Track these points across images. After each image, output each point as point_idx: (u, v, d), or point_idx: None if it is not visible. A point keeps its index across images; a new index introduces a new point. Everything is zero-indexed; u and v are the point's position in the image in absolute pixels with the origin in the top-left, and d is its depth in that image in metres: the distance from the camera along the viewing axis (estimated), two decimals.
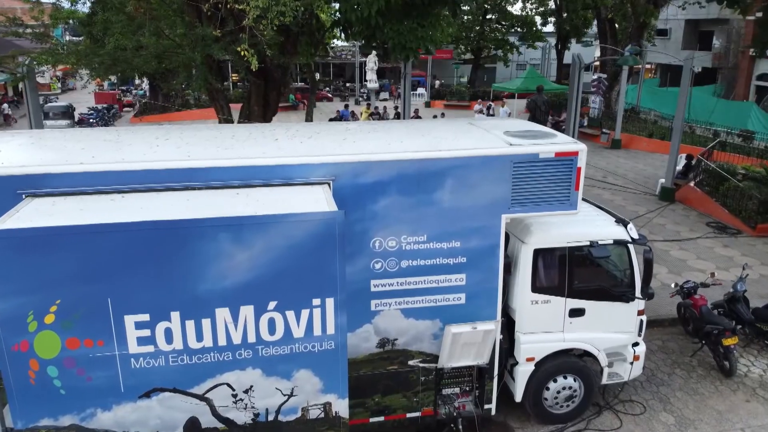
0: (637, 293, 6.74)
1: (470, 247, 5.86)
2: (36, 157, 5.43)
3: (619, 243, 6.59)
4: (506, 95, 31.87)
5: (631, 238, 6.60)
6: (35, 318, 4.35)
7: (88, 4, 15.08)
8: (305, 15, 10.37)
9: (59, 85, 49.72)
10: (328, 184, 5.37)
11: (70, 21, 17.52)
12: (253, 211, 4.58)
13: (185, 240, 4.40)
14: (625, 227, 6.67)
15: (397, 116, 23.71)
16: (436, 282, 5.91)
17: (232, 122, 12.14)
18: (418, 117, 24.55)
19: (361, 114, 26.33)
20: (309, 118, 16.58)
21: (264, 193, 5.07)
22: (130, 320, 4.48)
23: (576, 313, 6.61)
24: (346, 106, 29.67)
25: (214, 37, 9.20)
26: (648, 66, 38.68)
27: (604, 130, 24.35)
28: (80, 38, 16.74)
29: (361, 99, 38.98)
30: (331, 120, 25.53)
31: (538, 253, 6.38)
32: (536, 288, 6.44)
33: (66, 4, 15.46)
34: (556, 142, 5.88)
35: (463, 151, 5.67)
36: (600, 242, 6.44)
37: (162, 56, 10.21)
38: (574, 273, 6.52)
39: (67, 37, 28.13)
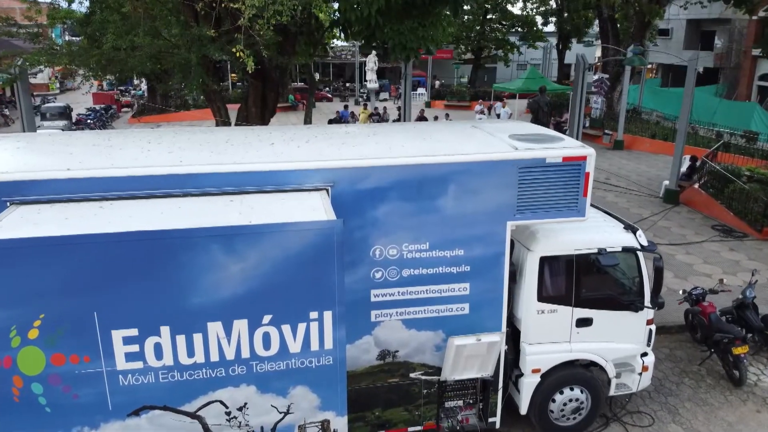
0: (647, 302, 6.52)
1: (474, 256, 5.64)
2: (22, 162, 5.20)
3: (628, 250, 6.37)
4: (507, 95, 31.61)
5: (641, 245, 6.38)
6: (18, 333, 4.14)
7: (86, 3, 14.92)
8: (303, 15, 10.14)
9: (57, 85, 49.46)
10: (327, 191, 5.16)
11: (66, 21, 17.31)
12: (247, 220, 4.37)
13: (175, 251, 4.18)
14: (635, 234, 6.45)
15: (399, 117, 23.43)
16: (438, 292, 5.69)
17: (230, 124, 11.94)
18: (423, 118, 24.30)
19: (359, 115, 26.06)
20: (308, 119, 16.36)
21: (259, 201, 4.85)
22: (117, 335, 4.27)
23: (583, 322, 6.39)
24: (346, 107, 29.43)
25: (210, 37, 8.97)
26: (649, 66, 38.43)
27: (606, 131, 24.12)
28: (79, 38, 16.56)
29: (360, 99, 38.74)
30: (330, 121, 25.27)
31: (544, 261, 6.16)
32: (542, 297, 6.22)
33: (63, 4, 15.28)
34: (563, 147, 5.66)
35: (466, 156, 5.45)
36: (608, 249, 6.22)
37: (157, 57, 9.99)
38: (581, 281, 6.30)
39: (67, 37, 27.95)
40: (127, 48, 9.01)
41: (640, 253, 6.44)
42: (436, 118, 24.54)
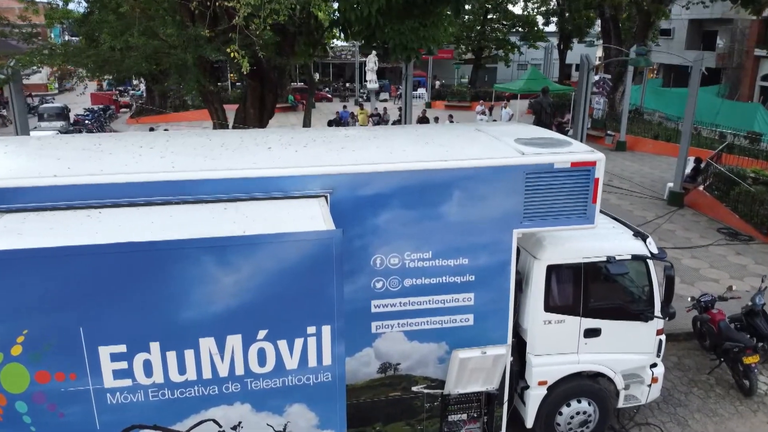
0: (657, 312, 6.30)
1: (479, 265, 5.43)
2: (8, 168, 4.97)
3: (638, 258, 6.15)
4: (508, 96, 31.35)
5: (651, 252, 6.17)
6: (1, 349, 3.92)
7: (84, 3, 14.73)
8: (303, 14, 9.91)
9: (56, 85, 49.17)
10: (325, 197, 4.95)
11: (63, 22, 17.09)
12: (241, 230, 4.15)
13: (165, 263, 3.97)
14: (644, 241, 6.24)
15: (400, 118, 23.12)
16: (442, 302, 5.48)
17: (227, 125, 11.72)
18: (424, 118, 24.01)
19: (357, 116, 25.81)
20: (307, 121, 16.11)
21: (254, 208, 4.63)
22: (104, 352, 4.06)
23: (591, 333, 6.18)
24: (345, 107, 29.18)
25: (207, 37, 8.75)
26: (650, 66, 38.18)
27: (608, 132, 23.88)
28: (77, 38, 16.37)
29: (360, 99, 38.52)
30: (329, 122, 25.01)
31: (551, 269, 5.95)
32: (549, 307, 6.00)
33: (60, 4, 15.08)
34: (571, 151, 5.44)
35: (471, 161, 5.23)
36: (618, 257, 6.00)
37: (153, 57, 9.76)
38: (590, 291, 6.09)
39: (66, 37, 27.71)
40: (123, 48, 8.79)
41: (650, 261, 6.23)
42: (436, 119, 24.28)
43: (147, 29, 8.88)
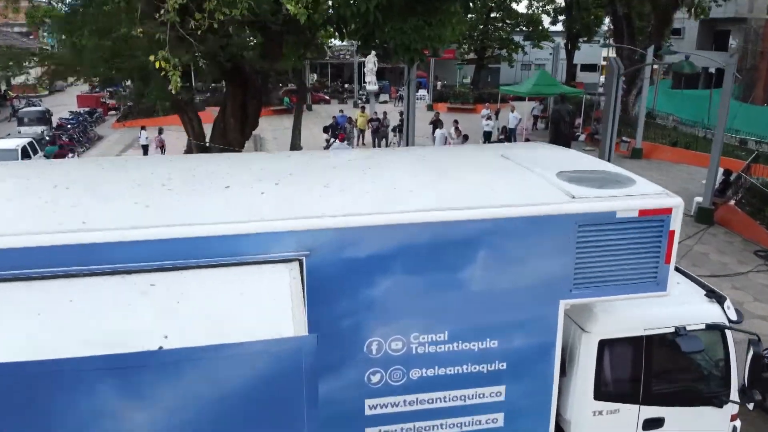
0: (734, 395, 4.87)
1: (512, 348, 4.01)
2: None
3: (714, 328, 4.72)
4: (512, 98, 29.82)
5: (730, 320, 4.74)
6: None
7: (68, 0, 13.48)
8: (288, 11, 8.48)
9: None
10: (299, 262, 3.52)
11: (45, 21, 15.92)
12: (161, 337, 2.71)
13: (44, 391, 2.54)
14: (722, 305, 4.80)
15: (401, 123, 21.46)
16: (461, 399, 4.05)
17: (204, 137, 10.30)
18: (438, 121, 22.50)
19: (356, 119, 24.28)
20: (296, 131, 14.61)
21: (194, 286, 3.21)
22: None
23: (652, 424, 4.74)
24: (342, 111, 27.47)
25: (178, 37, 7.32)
26: (656, 67, 36.77)
27: (623, 138, 22.41)
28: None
29: (359, 102, 37.00)
30: (325, 128, 23.40)
31: (604, 345, 4.50)
32: (601, 393, 4.56)
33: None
34: (638, 194, 4.02)
35: (503, 210, 3.81)
36: (688, 327, 4.57)
37: (111, 60, 8.35)
38: (652, 371, 4.65)
39: (64, 37, 26.32)
40: (72, 49, 7.37)
41: (727, 331, 4.80)
42: (440, 123, 22.77)
43: (99, 28, 7.45)
